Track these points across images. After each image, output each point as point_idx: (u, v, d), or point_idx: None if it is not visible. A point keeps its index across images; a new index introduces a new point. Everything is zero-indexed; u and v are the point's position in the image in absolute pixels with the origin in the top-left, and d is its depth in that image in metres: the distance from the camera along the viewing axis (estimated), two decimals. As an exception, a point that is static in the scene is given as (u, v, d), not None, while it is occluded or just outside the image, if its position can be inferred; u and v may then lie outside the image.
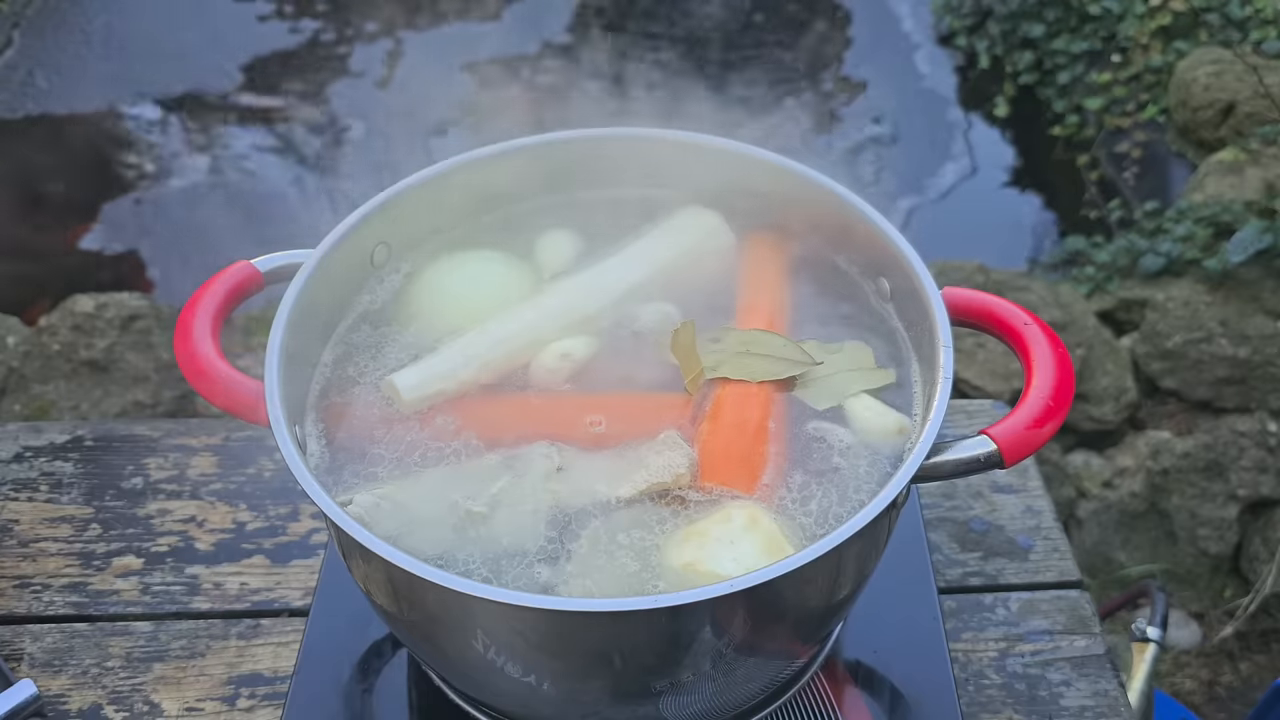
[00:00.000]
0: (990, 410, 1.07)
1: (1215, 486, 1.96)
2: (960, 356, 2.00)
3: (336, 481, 0.69)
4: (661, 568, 0.64)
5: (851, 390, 0.72)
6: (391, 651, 0.84)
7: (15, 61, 3.37)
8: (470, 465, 0.69)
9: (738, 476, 0.68)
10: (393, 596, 0.65)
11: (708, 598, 0.56)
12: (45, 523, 0.97)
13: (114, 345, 1.98)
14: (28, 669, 0.86)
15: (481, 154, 0.82)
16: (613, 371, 0.75)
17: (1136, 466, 2.00)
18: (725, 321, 0.77)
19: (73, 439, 1.05)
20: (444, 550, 0.65)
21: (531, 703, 0.69)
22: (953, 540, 0.96)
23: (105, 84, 3.28)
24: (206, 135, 3.13)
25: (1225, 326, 2.04)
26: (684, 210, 0.83)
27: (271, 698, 0.84)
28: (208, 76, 3.29)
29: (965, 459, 0.65)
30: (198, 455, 1.03)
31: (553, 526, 0.66)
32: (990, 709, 0.84)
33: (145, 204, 2.92)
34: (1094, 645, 0.88)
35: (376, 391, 0.74)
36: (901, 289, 0.75)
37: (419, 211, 0.81)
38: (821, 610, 0.69)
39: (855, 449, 0.70)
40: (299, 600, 0.91)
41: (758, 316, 0.77)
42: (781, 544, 0.64)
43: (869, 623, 0.83)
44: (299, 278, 0.73)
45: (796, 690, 0.79)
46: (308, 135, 3.14)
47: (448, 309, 0.78)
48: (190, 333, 0.70)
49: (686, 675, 0.64)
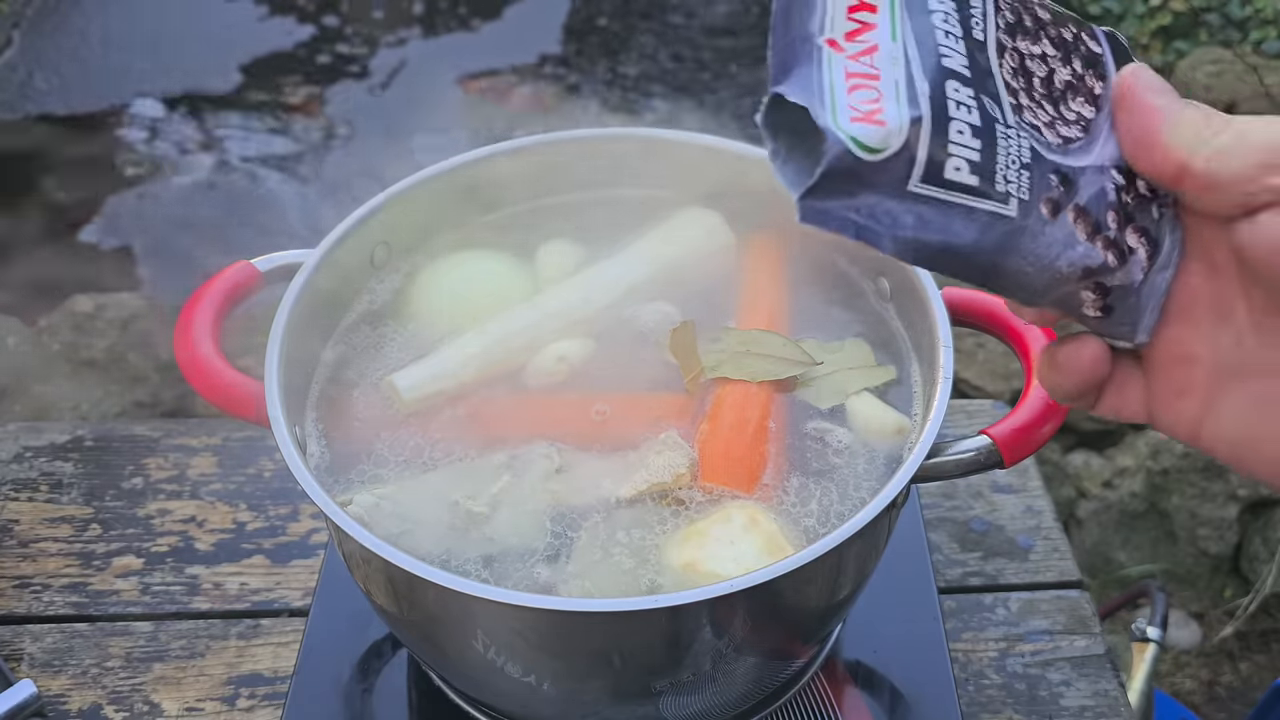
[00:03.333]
0: (990, 410, 1.07)
1: (1215, 486, 1.96)
2: (960, 356, 2.00)
3: (336, 481, 0.69)
4: (661, 568, 0.64)
5: (852, 388, 0.72)
6: (391, 651, 0.84)
7: (15, 62, 3.37)
8: (470, 465, 0.69)
9: (738, 476, 0.69)
10: (393, 596, 0.65)
11: (708, 598, 0.56)
12: (45, 523, 0.97)
13: (114, 345, 1.98)
14: (28, 669, 0.86)
15: (481, 154, 0.82)
16: (612, 372, 0.75)
17: (1136, 466, 2.00)
18: (725, 321, 0.77)
19: (73, 439, 1.05)
20: (444, 550, 0.65)
21: (531, 703, 0.69)
22: (953, 540, 0.96)
23: (105, 84, 3.29)
24: (207, 135, 3.13)
25: (1225, 326, 2.03)
26: (684, 210, 0.83)
27: (271, 698, 0.85)
28: (208, 76, 3.29)
29: (965, 459, 0.65)
30: (198, 455, 1.03)
31: (553, 526, 0.66)
32: (990, 709, 0.84)
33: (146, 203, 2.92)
34: (1094, 645, 0.88)
35: (376, 392, 0.74)
36: (901, 289, 0.75)
37: (419, 211, 0.81)
38: (821, 610, 0.69)
39: (855, 449, 0.70)
40: (299, 600, 0.91)
41: (758, 316, 0.77)
42: (781, 544, 0.64)
43: (869, 623, 0.84)
44: (299, 278, 0.73)
45: (796, 690, 0.79)
46: (307, 136, 3.14)
47: (448, 309, 0.78)
48: (190, 333, 0.70)
49: (686, 675, 0.64)
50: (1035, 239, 0.44)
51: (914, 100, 0.42)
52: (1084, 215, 0.44)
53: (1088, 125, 0.46)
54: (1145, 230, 0.45)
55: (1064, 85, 0.47)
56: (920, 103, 0.42)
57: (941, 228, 0.43)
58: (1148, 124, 0.43)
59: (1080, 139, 0.45)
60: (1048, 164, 0.44)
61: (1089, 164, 0.45)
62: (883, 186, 0.42)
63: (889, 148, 0.42)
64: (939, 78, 0.43)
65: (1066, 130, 0.45)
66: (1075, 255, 0.44)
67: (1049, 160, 0.44)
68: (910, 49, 0.44)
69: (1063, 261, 0.44)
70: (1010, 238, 0.44)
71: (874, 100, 0.42)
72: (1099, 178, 0.45)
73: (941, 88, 0.43)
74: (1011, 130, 0.44)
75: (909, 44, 0.44)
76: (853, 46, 0.44)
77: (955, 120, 0.42)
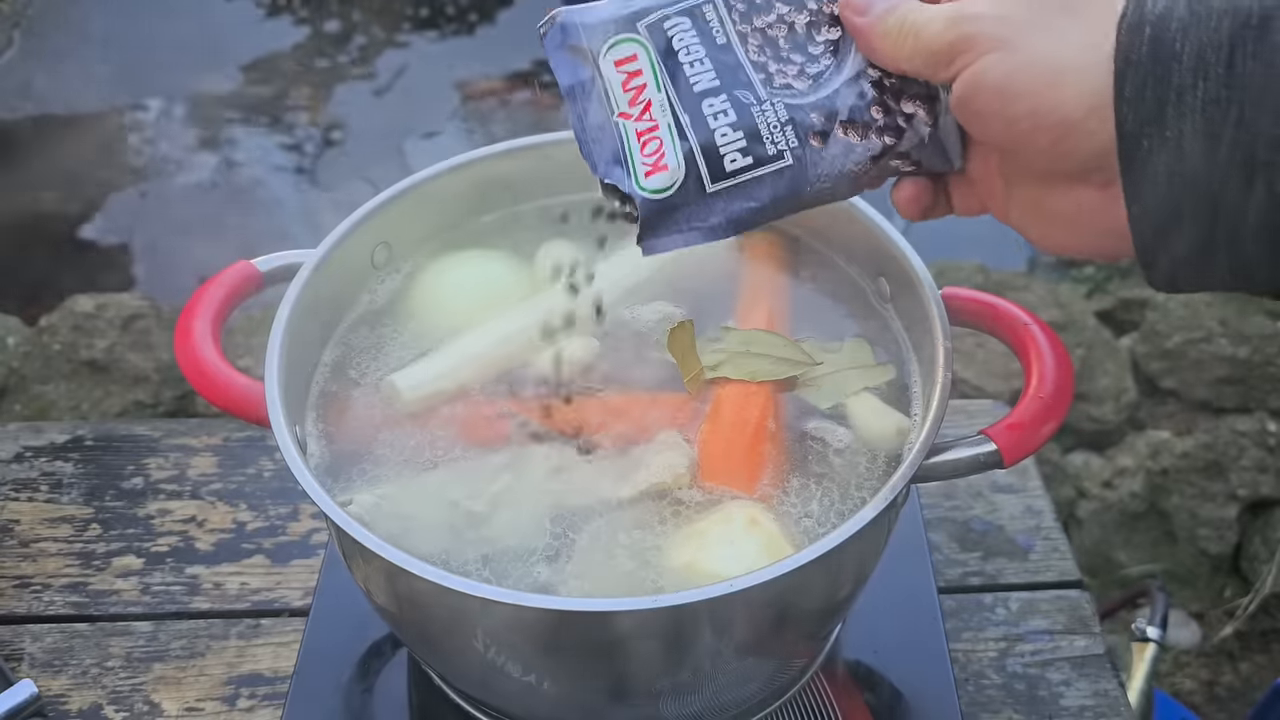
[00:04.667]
0: (990, 410, 1.07)
1: (1215, 486, 1.96)
2: (960, 356, 2.00)
3: (336, 481, 0.69)
4: (662, 568, 0.64)
5: (853, 388, 0.72)
6: (391, 651, 0.84)
7: (15, 62, 3.37)
8: (470, 465, 0.69)
9: (738, 476, 0.69)
10: (393, 596, 0.65)
11: (708, 598, 0.56)
12: (45, 523, 0.97)
13: (114, 345, 1.98)
14: (28, 669, 0.86)
15: (481, 154, 0.82)
16: (613, 371, 0.75)
17: (1136, 466, 2.00)
18: (725, 321, 0.77)
19: (73, 439, 1.05)
20: (444, 550, 0.65)
21: (531, 702, 0.69)
22: (953, 540, 0.96)
23: (105, 84, 3.28)
24: (207, 135, 3.13)
25: (1225, 326, 2.04)
26: (684, 210, 0.82)
27: (272, 698, 0.85)
28: (208, 77, 3.29)
29: (965, 459, 0.65)
30: (198, 455, 1.03)
31: (553, 527, 0.66)
32: (990, 709, 0.84)
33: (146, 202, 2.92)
34: (1094, 645, 0.88)
35: (377, 392, 0.74)
36: (901, 289, 0.75)
37: (419, 211, 0.81)
38: (822, 610, 0.69)
39: (855, 449, 0.70)
40: (299, 600, 0.91)
41: (758, 316, 0.77)
42: (781, 544, 0.64)
43: (869, 623, 0.84)
44: (299, 278, 0.73)
45: (796, 690, 0.79)
46: (308, 136, 3.14)
47: (448, 309, 0.78)
48: (190, 333, 0.70)
49: (686, 675, 0.64)
50: (819, 165, 0.57)
51: (683, 134, 0.56)
52: (851, 126, 0.57)
53: (836, 45, 0.58)
54: (918, 94, 0.57)
55: (805, 28, 0.58)
56: (687, 134, 0.56)
57: (744, 200, 0.57)
58: (864, 43, 0.57)
59: (830, 64, 0.58)
60: (803, 109, 0.57)
61: (842, 80, 0.57)
62: (688, 203, 0.57)
63: (678, 180, 0.56)
64: (695, 103, 0.56)
65: (816, 67, 0.58)
66: (857, 155, 0.57)
67: (802, 106, 0.57)
68: (670, 93, 0.57)
69: (850, 165, 0.57)
70: (797, 176, 0.57)
71: (657, 149, 0.56)
72: (855, 86, 0.57)
73: (700, 110, 0.56)
74: (765, 103, 0.57)
75: (669, 89, 0.57)
76: (635, 109, 0.57)
77: (717, 128, 0.56)
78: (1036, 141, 0.52)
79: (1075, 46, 0.50)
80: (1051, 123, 0.50)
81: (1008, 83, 0.51)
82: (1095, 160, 0.50)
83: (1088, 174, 0.52)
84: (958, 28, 0.52)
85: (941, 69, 0.53)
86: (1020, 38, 0.51)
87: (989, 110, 0.52)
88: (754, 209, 0.57)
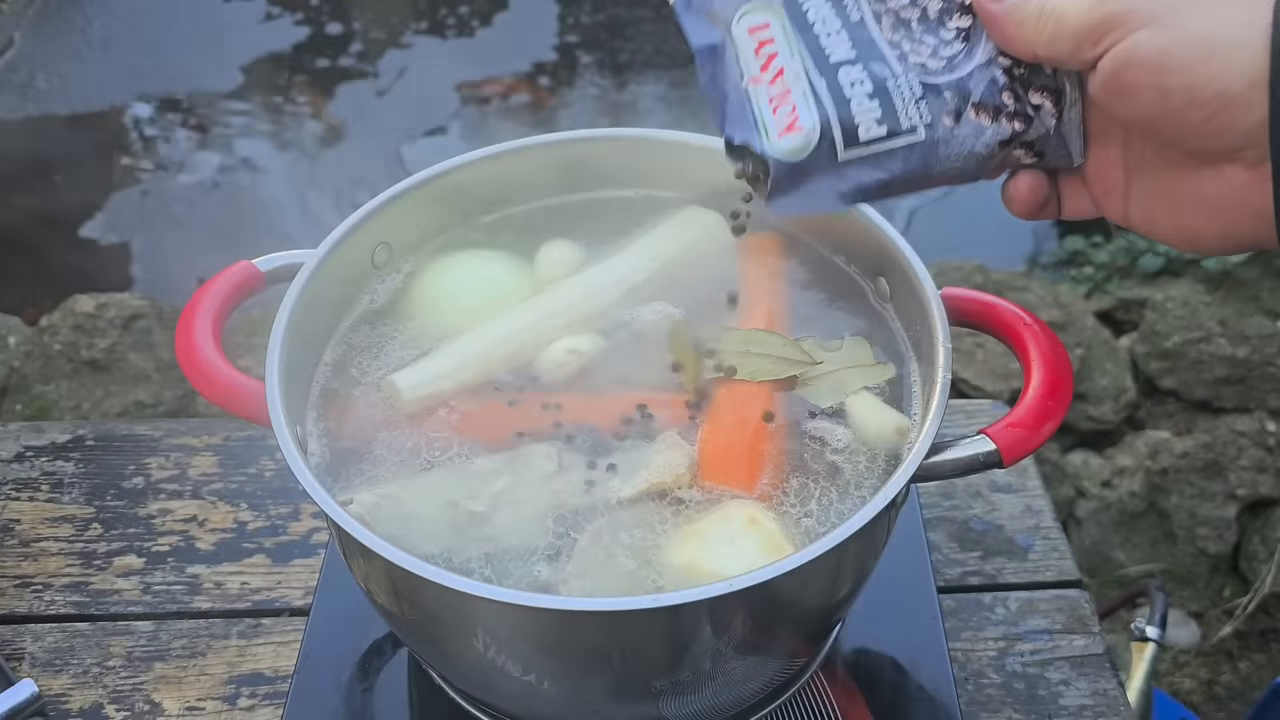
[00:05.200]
0: (990, 410, 1.07)
1: (1214, 486, 1.96)
2: (960, 356, 2.00)
3: (337, 481, 0.69)
4: (662, 567, 0.64)
5: (853, 387, 0.73)
6: (391, 651, 0.84)
7: (16, 62, 3.37)
8: (471, 465, 0.70)
9: (738, 476, 0.69)
10: (393, 596, 0.66)
11: (708, 597, 0.57)
12: (46, 522, 0.98)
13: (115, 345, 1.98)
14: (28, 668, 0.86)
15: (481, 154, 0.82)
16: (613, 371, 0.75)
17: (1135, 466, 2.00)
18: (725, 322, 0.77)
19: (74, 439, 1.05)
20: (445, 549, 0.65)
21: (531, 702, 0.70)
22: (952, 540, 0.96)
23: (106, 84, 3.29)
24: (208, 135, 3.13)
25: (1224, 326, 2.04)
26: (684, 210, 0.83)
27: (272, 697, 0.85)
28: (209, 76, 3.29)
29: (964, 459, 0.65)
30: (199, 455, 1.03)
31: (554, 526, 0.66)
32: (990, 708, 0.84)
33: (147, 202, 2.92)
34: (1093, 645, 0.88)
35: (377, 391, 0.74)
36: (901, 289, 0.75)
37: (419, 211, 0.81)
38: (821, 610, 0.69)
39: (855, 448, 0.70)
40: (299, 600, 0.91)
41: (758, 316, 0.77)
42: (781, 543, 0.64)
43: (869, 622, 0.84)
44: (300, 278, 0.73)
45: (796, 690, 0.79)
46: (309, 136, 3.15)
47: (448, 309, 0.78)
48: (191, 333, 0.70)
49: (686, 675, 0.64)
50: (949, 144, 0.58)
51: (819, 100, 0.57)
52: (983, 108, 0.58)
53: (968, 33, 0.59)
54: (1045, 86, 0.58)
55: (937, 14, 0.59)
56: (823, 99, 0.57)
57: (874, 171, 0.58)
58: (999, 32, 0.57)
59: (962, 49, 0.59)
60: (937, 88, 0.58)
61: (975, 65, 0.58)
62: (819, 169, 0.58)
63: (812, 143, 0.57)
64: (831, 72, 0.58)
65: (948, 50, 0.59)
66: (987, 138, 0.58)
67: (937, 84, 0.58)
68: (805, 60, 0.58)
69: (979, 147, 0.58)
70: (929, 152, 0.58)
71: (791, 112, 0.58)
72: (987, 71, 0.58)
73: (836, 79, 0.57)
74: (900, 77, 0.58)
75: (804, 57, 0.58)
76: (767, 75, 0.58)
77: (853, 97, 0.57)
78: (1189, 117, 0.51)
79: (1229, 24, 0.50)
80: (1207, 96, 0.50)
81: (1162, 57, 0.51)
82: (1248, 137, 0.50)
83: (1238, 151, 0.52)
84: (1106, 6, 0.52)
85: (1087, 48, 0.53)
86: (1172, 15, 0.51)
87: (1140, 83, 0.52)
88: (883, 181, 0.58)
